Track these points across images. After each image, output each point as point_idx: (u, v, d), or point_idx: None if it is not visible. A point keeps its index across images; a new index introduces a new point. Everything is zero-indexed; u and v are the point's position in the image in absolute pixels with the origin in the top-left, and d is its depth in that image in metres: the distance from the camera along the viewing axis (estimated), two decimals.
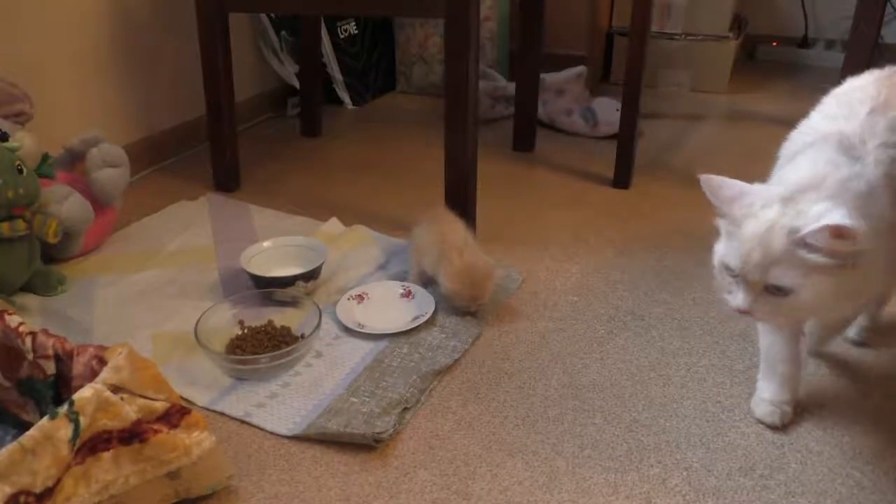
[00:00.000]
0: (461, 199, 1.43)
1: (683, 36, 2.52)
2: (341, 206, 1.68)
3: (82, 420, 0.76)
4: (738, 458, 0.95)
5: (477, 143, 1.43)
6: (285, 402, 1.05)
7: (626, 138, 1.73)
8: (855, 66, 1.79)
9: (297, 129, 2.16)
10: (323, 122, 2.16)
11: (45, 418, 0.74)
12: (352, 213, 1.62)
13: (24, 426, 0.93)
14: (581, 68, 2.16)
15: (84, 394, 0.77)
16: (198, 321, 1.10)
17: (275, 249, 1.35)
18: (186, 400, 1.01)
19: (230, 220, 1.59)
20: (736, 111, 2.39)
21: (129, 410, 0.79)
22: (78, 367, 0.84)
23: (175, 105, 1.95)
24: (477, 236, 1.35)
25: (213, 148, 1.73)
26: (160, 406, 0.82)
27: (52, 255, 1.37)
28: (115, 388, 0.79)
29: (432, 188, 1.55)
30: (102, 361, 0.83)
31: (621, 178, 1.76)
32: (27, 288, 1.30)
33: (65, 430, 0.74)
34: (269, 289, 1.23)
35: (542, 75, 2.02)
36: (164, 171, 1.89)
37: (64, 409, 0.75)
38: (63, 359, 0.87)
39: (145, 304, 1.28)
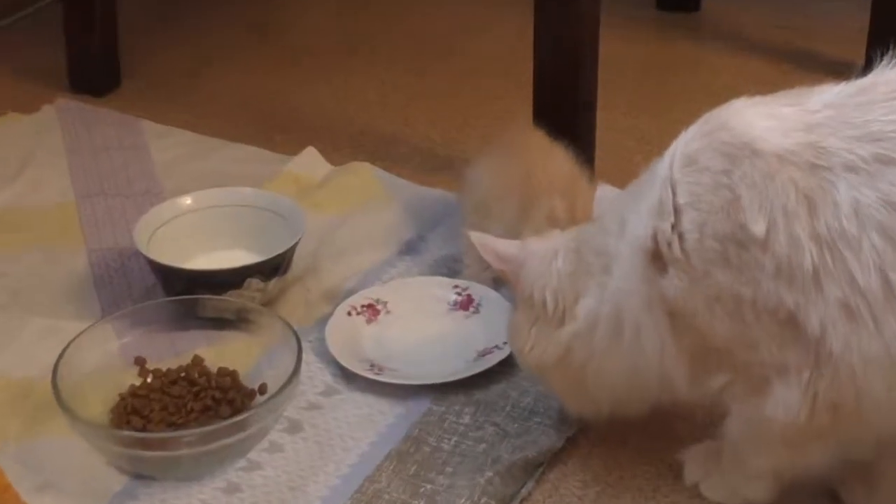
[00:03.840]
0: (566, 110, 1.16)
1: None
2: (318, 122, 1.32)
3: None
4: None
5: (599, 4, 1.12)
6: None
7: None
8: None
9: None
10: None
11: None
12: (340, 136, 1.28)
13: None
14: None
15: None
16: (58, 360, 0.84)
17: (200, 215, 1.04)
18: None
19: (104, 153, 1.29)
20: None
21: None
22: None
23: None
24: (594, 176, 1.08)
25: (67, 14, 1.37)
26: None
27: None
28: None
29: (495, 88, 1.32)
30: None
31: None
32: None
33: None
34: (192, 295, 0.95)
35: None
36: None
37: None
38: None
39: None
